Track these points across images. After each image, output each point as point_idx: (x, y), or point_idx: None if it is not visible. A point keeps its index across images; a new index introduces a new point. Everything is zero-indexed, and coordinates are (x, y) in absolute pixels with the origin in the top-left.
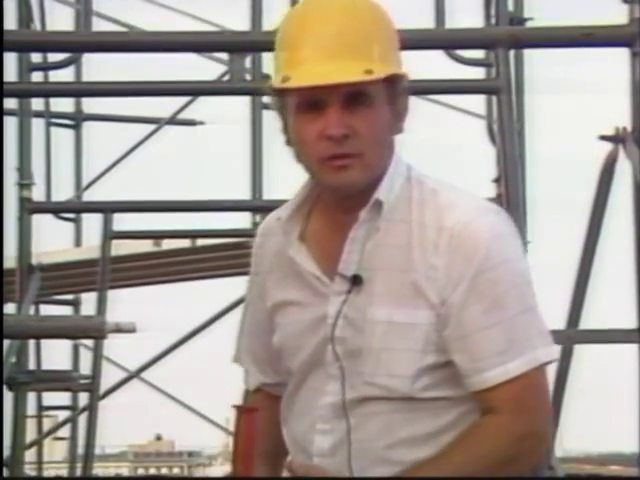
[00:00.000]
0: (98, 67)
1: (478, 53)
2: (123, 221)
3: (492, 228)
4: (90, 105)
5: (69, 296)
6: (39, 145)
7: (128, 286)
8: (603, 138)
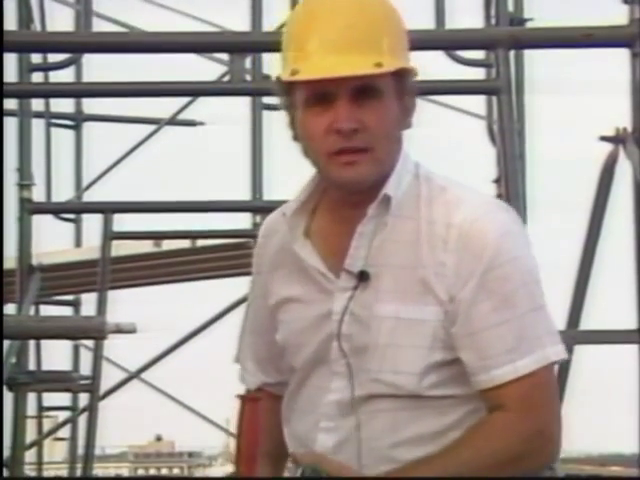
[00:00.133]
0: (98, 67)
1: (478, 54)
2: (123, 221)
3: (502, 225)
4: (90, 105)
5: (69, 297)
6: (39, 145)
7: (128, 287)
8: (603, 138)
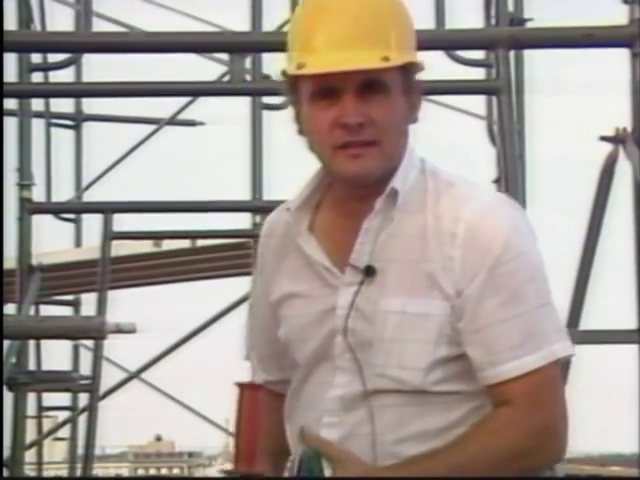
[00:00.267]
0: (98, 67)
1: (478, 54)
2: (123, 221)
3: (510, 221)
4: (90, 105)
5: (69, 297)
6: (39, 146)
7: (128, 286)
8: (603, 139)
